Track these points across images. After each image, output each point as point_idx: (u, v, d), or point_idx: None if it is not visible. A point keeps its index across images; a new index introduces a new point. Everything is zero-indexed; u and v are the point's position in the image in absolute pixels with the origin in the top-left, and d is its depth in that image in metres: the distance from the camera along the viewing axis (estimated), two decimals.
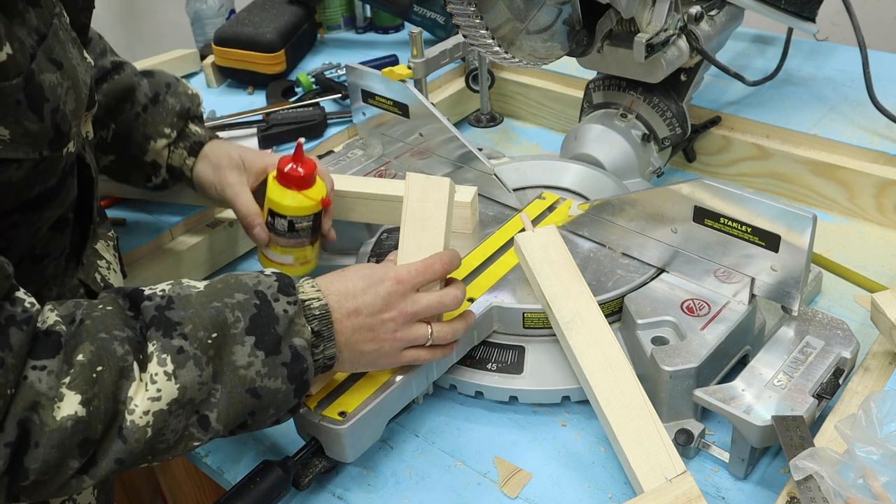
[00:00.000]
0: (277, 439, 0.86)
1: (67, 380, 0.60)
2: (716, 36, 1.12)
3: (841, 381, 0.78)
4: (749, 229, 0.81)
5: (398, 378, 0.80)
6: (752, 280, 0.84)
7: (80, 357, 0.61)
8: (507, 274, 0.92)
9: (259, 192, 0.97)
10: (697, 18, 1.07)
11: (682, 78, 1.11)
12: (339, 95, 1.37)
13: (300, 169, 0.92)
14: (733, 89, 1.26)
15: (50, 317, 0.63)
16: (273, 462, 0.75)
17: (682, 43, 1.06)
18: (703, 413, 0.80)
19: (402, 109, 1.11)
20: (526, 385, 0.85)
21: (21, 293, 0.61)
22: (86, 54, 0.74)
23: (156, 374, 0.63)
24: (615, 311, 0.89)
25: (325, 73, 1.45)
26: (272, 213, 0.94)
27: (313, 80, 1.44)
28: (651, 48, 0.99)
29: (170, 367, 0.64)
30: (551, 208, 1.03)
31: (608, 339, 0.82)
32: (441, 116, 1.07)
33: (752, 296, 0.84)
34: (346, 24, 1.73)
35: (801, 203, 1.15)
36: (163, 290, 0.68)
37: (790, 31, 1.27)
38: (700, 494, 0.69)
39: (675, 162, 1.24)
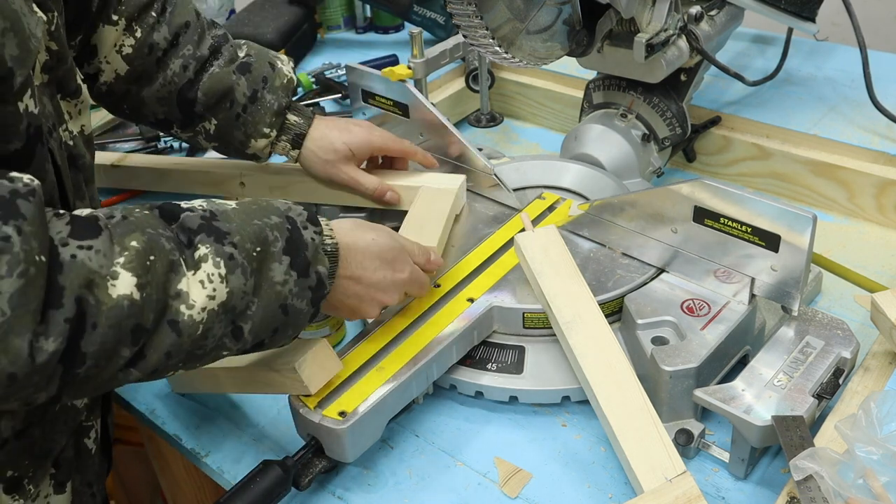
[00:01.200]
0: (277, 439, 0.86)
1: (122, 260, 0.60)
2: (716, 36, 1.12)
3: (841, 381, 0.78)
4: (749, 229, 0.81)
5: (399, 378, 0.80)
6: (752, 280, 0.84)
7: (132, 243, 0.61)
8: (507, 274, 0.92)
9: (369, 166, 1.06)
10: (697, 18, 1.07)
11: (682, 78, 1.11)
12: (339, 95, 1.37)
13: None
14: (733, 89, 1.26)
15: (83, 210, 0.63)
16: (273, 462, 0.75)
17: (682, 43, 1.06)
18: (703, 413, 0.80)
19: (402, 109, 1.11)
20: (526, 385, 0.85)
21: (14, 172, 0.60)
22: (35, 9, 0.70)
23: (212, 275, 0.65)
24: (615, 311, 0.89)
25: (325, 73, 1.45)
26: None
27: (313, 80, 1.44)
28: (651, 48, 0.99)
29: (223, 270, 0.65)
30: (551, 208, 1.03)
31: (608, 339, 0.82)
32: (441, 116, 1.07)
33: (752, 296, 0.84)
34: (346, 24, 1.73)
35: (801, 203, 1.15)
36: (201, 205, 0.70)
37: (790, 31, 1.26)
38: (700, 494, 0.69)
39: (675, 162, 1.24)
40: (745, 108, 1.22)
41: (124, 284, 0.59)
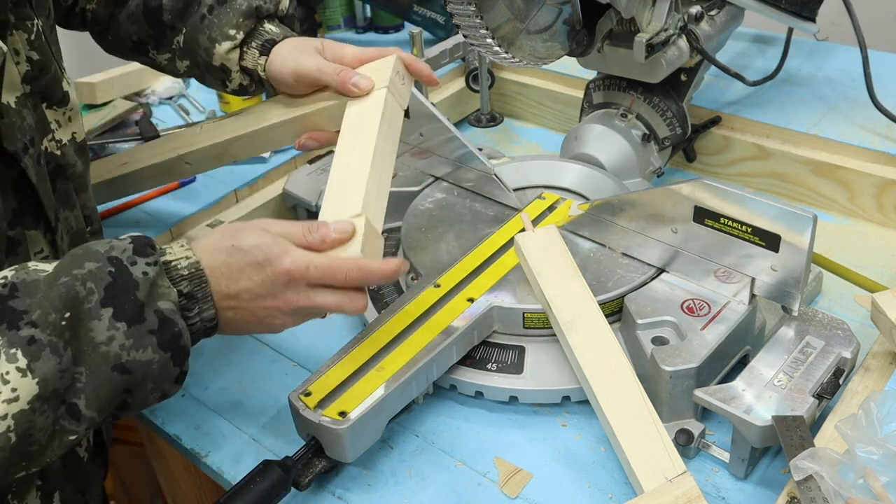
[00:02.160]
0: (277, 439, 0.86)
1: None
2: (716, 36, 1.12)
3: (841, 381, 0.78)
4: (749, 229, 0.81)
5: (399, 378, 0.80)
6: (753, 280, 0.84)
7: None
8: (507, 274, 0.92)
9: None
10: (697, 18, 1.07)
11: (683, 78, 1.11)
12: None
13: None
14: (733, 89, 1.26)
15: None
16: (273, 462, 0.75)
17: (683, 43, 1.06)
18: (704, 413, 0.80)
19: None
20: (526, 385, 0.85)
21: None
22: None
23: (7, 374, 0.56)
24: (615, 311, 0.89)
25: None
26: None
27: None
28: (651, 48, 0.99)
29: (22, 363, 0.57)
30: (551, 208, 1.03)
31: (608, 339, 0.82)
32: (441, 116, 1.07)
33: (753, 296, 0.84)
34: (346, 24, 1.73)
35: (801, 203, 1.15)
36: (4, 277, 0.60)
37: (790, 31, 1.26)
38: (700, 494, 0.69)
39: (675, 162, 1.24)
40: (745, 108, 1.22)
41: None
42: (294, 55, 0.90)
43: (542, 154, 1.29)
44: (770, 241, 0.80)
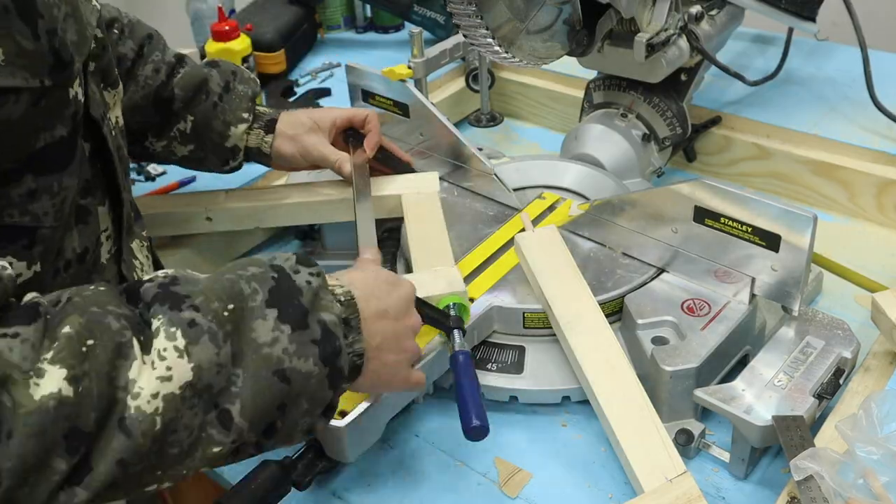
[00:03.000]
0: None
1: (49, 354, 0.50)
2: (716, 36, 1.12)
3: (841, 381, 0.78)
4: (749, 229, 0.81)
5: None
6: (753, 280, 0.83)
7: (65, 329, 0.51)
8: (507, 274, 0.92)
9: (336, 143, 1.04)
10: (698, 18, 1.07)
11: (683, 78, 1.11)
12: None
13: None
14: (733, 89, 1.26)
15: (30, 296, 0.55)
16: (273, 462, 0.75)
17: (683, 43, 1.06)
18: (704, 413, 0.80)
19: (402, 109, 1.11)
20: (526, 385, 0.85)
21: None
22: None
23: (164, 350, 0.54)
24: (615, 311, 0.89)
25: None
26: None
27: None
28: (651, 48, 0.99)
29: (181, 342, 0.54)
30: (551, 208, 1.03)
31: (608, 339, 0.82)
32: (441, 116, 1.07)
33: (753, 296, 0.84)
34: (346, 23, 1.73)
35: (802, 203, 1.15)
36: (164, 273, 0.60)
37: (790, 30, 1.26)
38: (700, 495, 0.69)
39: (676, 162, 1.24)
40: (745, 108, 1.22)
41: (51, 381, 0.49)
42: (293, 142, 1.02)
43: (542, 154, 1.29)
44: (770, 241, 0.80)
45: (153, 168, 1.25)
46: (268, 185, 1.21)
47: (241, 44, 1.37)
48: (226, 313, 0.57)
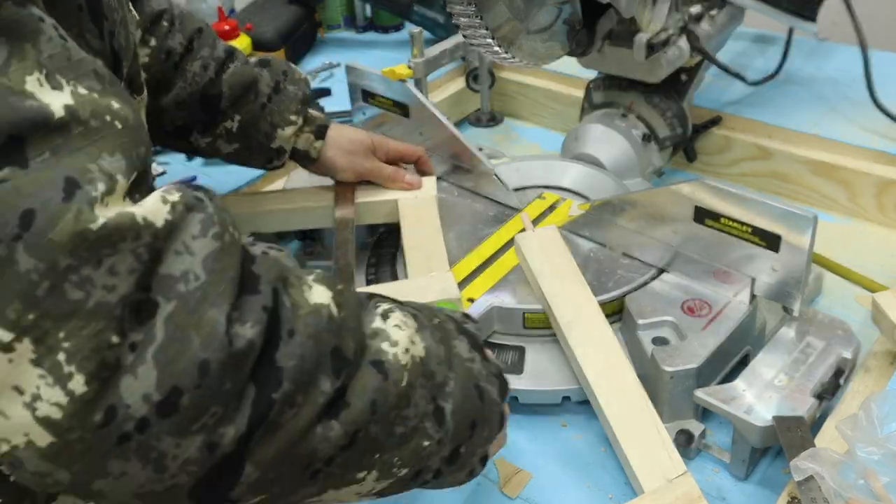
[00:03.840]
0: None
1: (312, 276, 0.52)
2: (716, 36, 1.12)
3: (842, 382, 0.78)
4: (749, 229, 0.81)
5: None
6: (753, 280, 0.83)
7: (311, 275, 0.53)
8: (507, 274, 0.92)
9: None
10: (698, 18, 1.07)
11: (683, 78, 1.11)
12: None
13: None
14: (734, 89, 1.26)
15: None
16: None
17: (683, 43, 1.06)
18: (704, 413, 0.80)
19: (402, 109, 1.11)
20: (526, 385, 0.85)
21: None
22: (131, 6, 0.72)
23: (402, 324, 0.56)
24: (615, 311, 0.89)
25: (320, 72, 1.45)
26: None
27: None
28: (651, 48, 0.99)
29: (412, 326, 0.56)
30: (551, 208, 1.03)
31: (608, 339, 0.82)
32: (441, 116, 1.07)
33: (753, 296, 0.84)
34: (346, 23, 1.73)
35: (802, 203, 1.15)
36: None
37: (791, 30, 1.26)
38: (700, 495, 0.69)
39: (676, 162, 1.24)
40: (745, 108, 1.22)
41: (320, 294, 0.51)
42: (350, 157, 1.03)
43: (542, 154, 1.29)
44: (770, 241, 0.80)
45: (153, 168, 1.25)
46: (259, 189, 1.21)
47: (241, 43, 1.38)
48: (435, 321, 0.61)
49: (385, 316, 0.56)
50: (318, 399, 0.48)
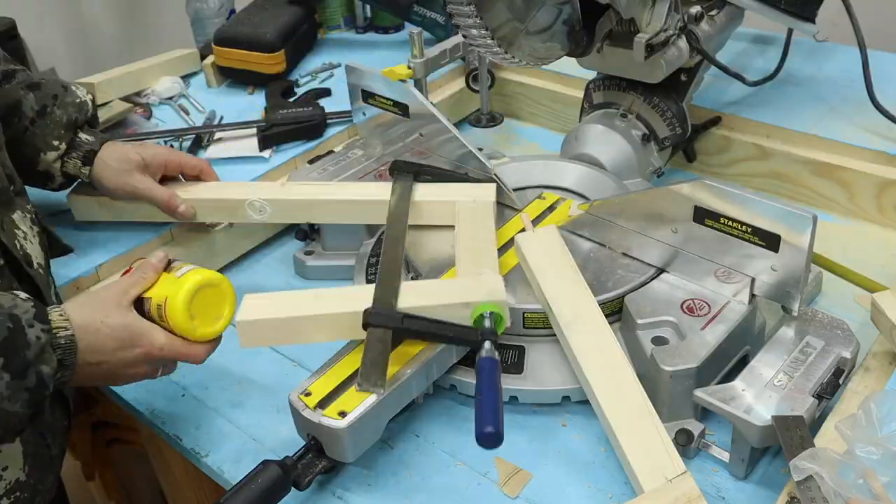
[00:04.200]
0: (277, 439, 0.86)
1: None
2: (716, 36, 1.12)
3: (841, 382, 0.78)
4: (749, 229, 0.81)
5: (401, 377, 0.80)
6: (753, 280, 0.84)
7: None
8: (508, 274, 0.92)
9: (175, 186, 1.05)
10: (697, 18, 1.07)
11: (683, 78, 1.11)
12: None
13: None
14: (733, 89, 1.26)
15: None
16: (273, 462, 0.75)
17: (682, 43, 1.06)
18: (704, 413, 0.80)
19: (402, 109, 1.11)
20: (526, 385, 0.85)
21: None
22: None
23: None
24: (615, 311, 0.89)
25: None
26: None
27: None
28: (651, 48, 0.99)
29: None
30: (551, 208, 1.03)
31: (608, 339, 0.82)
32: (441, 116, 1.07)
33: (753, 296, 0.84)
34: (346, 24, 1.73)
35: (801, 203, 1.15)
36: None
37: (790, 31, 1.26)
38: (700, 495, 0.69)
39: (675, 162, 1.24)
40: (745, 108, 1.22)
41: None
42: (119, 176, 1.01)
43: (542, 154, 1.29)
44: (770, 241, 0.80)
45: None
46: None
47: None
48: None
49: None
50: None
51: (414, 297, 0.83)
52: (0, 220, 0.83)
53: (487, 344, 0.79)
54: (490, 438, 0.69)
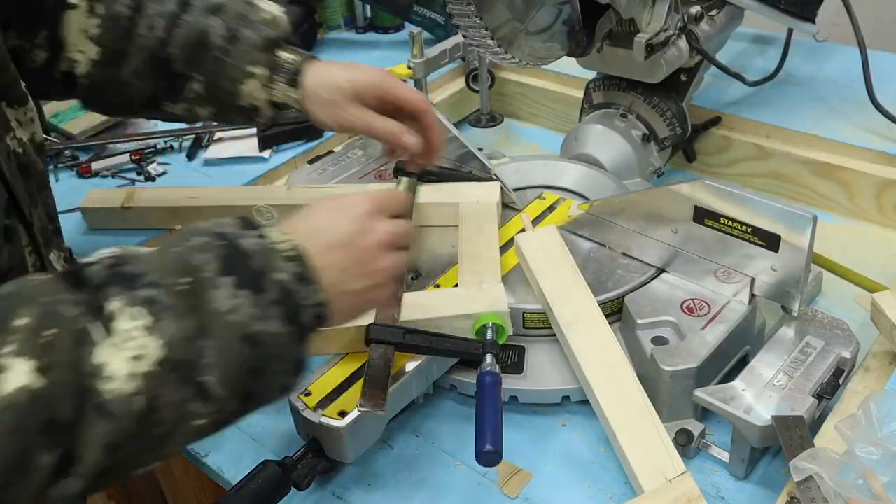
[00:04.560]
0: (277, 439, 0.86)
1: (10, 348, 0.48)
2: (716, 36, 1.12)
3: (841, 382, 0.78)
4: (749, 229, 0.81)
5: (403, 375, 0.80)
6: (752, 280, 0.84)
7: (20, 321, 0.49)
8: (508, 274, 0.92)
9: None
10: (697, 18, 1.07)
11: (683, 78, 1.11)
12: None
13: None
14: (733, 89, 1.26)
15: None
16: (273, 462, 0.75)
17: (682, 43, 1.06)
18: (704, 413, 0.80)
19: None
20: (526, 385, 0.85)
21: None
22: None
23: (130, 331, 0.52)
24: (615, 311, 0.89)
25: None
26: None
27: None
28: (651, 48, 0.99)
29: (148, 320, 0.53)
30: (551, 208, 1.03)
31: (608, 339, 0.82)
32: (441, 116, 1.07)
33: (752, 296, 0.84)
34: (346, 24, 1.73)
35: (801, 203, 1.15)
36: (108, 252, 0.57)
37: (790, 31, 1.26)
38: (700, 495, 0.69)
39: (675, 162, 1.24)
40: (745, 108, 1.22)
41: (19, 374, 0.47)
42: (330, 108, 0.88)
43: (542, 154, 1.29)
44: (770, 241, 0.80)
45: (153, 168, 1.25)
46: (259, 185, 1.20)
47: None
48: (182, 288, 0.55)
49: (109, 324, 0.52)
50: (38, 475, 0.48)
51: (416, 308, 0.83)
52: (43, 263, 0.77)
53: (489, 357, 0.79)
54: (489, 457, 0.70)
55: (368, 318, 0.81)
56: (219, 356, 0.55)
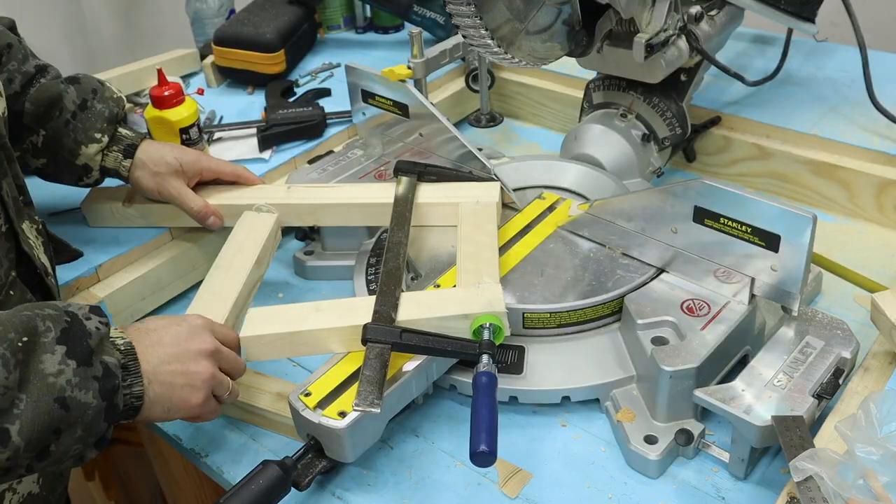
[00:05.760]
0: (277, 439, 0.86)
1: None
2: (716, 36, 1.12)
3: (841, 382, 0.78)
4: (749, 229, 0.81)
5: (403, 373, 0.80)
6: (752, 280, 0.84)
7: None
8: (507, 274, 0.92)
9: (197, 190, 1.05)
10: (697, 18, 1.07)
11: (682, 78, 1.11)
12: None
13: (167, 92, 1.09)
14: (733, 89, 1.26)
15: None
16: (273, 462, 0.75)
17: (682, 43, 1.06)
18: (703, 413, 0.80)
19: (402, 109, 1.11)
20: (526, 385, 0.85)
21: None
22: None
23: None
24: (615, 311, 0.89)
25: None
26: None
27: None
28: (651, 48, 0.99)
29: None
30: (551, 208, 1.03)
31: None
32: (441, 116, 1.07)
33: (752, 296, 0.84)
34: (346, 24, 1.73)
35: (801, 203, 1.15)
36: None
37: (790, 31, 1.26)
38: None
39: (675, 162, 1.24)
40: (745, 108, 1.22)
41: None
42: (155, 179, 1.02)
43: (542, 154, 1.29)
44: (770, 241, 0.80)
45: None
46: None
47: (181, 113, 1.13)
48: (20, 343, 0.63)
49: None
50: None
51: (414, 308, 0.83)
52: (13, 228, 0.83)
53: (485, 358, 0.79)
54: (483, 457, 0.70)
55: (366, 318, 0.81)
56: (30, 409, 0.62)
